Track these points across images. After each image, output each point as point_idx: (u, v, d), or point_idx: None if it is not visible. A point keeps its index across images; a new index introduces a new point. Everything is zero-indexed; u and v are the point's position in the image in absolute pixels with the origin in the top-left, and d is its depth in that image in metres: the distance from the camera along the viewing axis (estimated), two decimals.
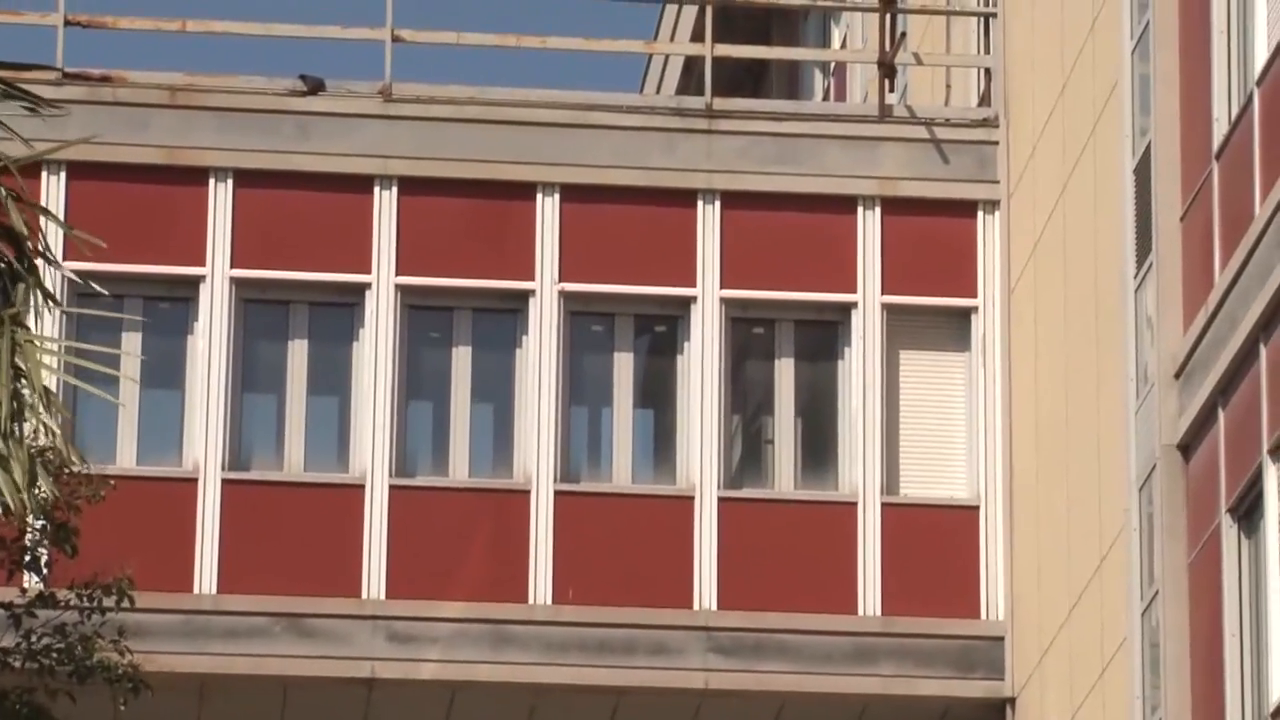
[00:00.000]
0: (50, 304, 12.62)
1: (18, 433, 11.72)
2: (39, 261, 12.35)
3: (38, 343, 12.06)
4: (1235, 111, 21.92)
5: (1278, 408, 20.80)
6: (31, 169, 15.92)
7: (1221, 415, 22.07)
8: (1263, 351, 21.41)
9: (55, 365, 12.83)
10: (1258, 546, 21.79)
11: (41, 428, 12.07)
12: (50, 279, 13.56)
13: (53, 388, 12.08)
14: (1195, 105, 23.94)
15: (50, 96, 14.16)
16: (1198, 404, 22.00)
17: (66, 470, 16.29)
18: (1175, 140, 23.50)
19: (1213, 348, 21.62)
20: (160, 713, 22.02)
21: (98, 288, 20.33)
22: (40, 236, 12.66)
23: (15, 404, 11.78)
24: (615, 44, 31.27)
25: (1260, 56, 21.80)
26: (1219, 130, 22.77)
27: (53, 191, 24.25)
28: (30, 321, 12.18)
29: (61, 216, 21.68)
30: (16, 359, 11.75)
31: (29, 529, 18.43)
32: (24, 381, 11.79)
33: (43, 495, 12.35)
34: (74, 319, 22.74)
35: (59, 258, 13.74)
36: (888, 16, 28.91)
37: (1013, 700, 26.33)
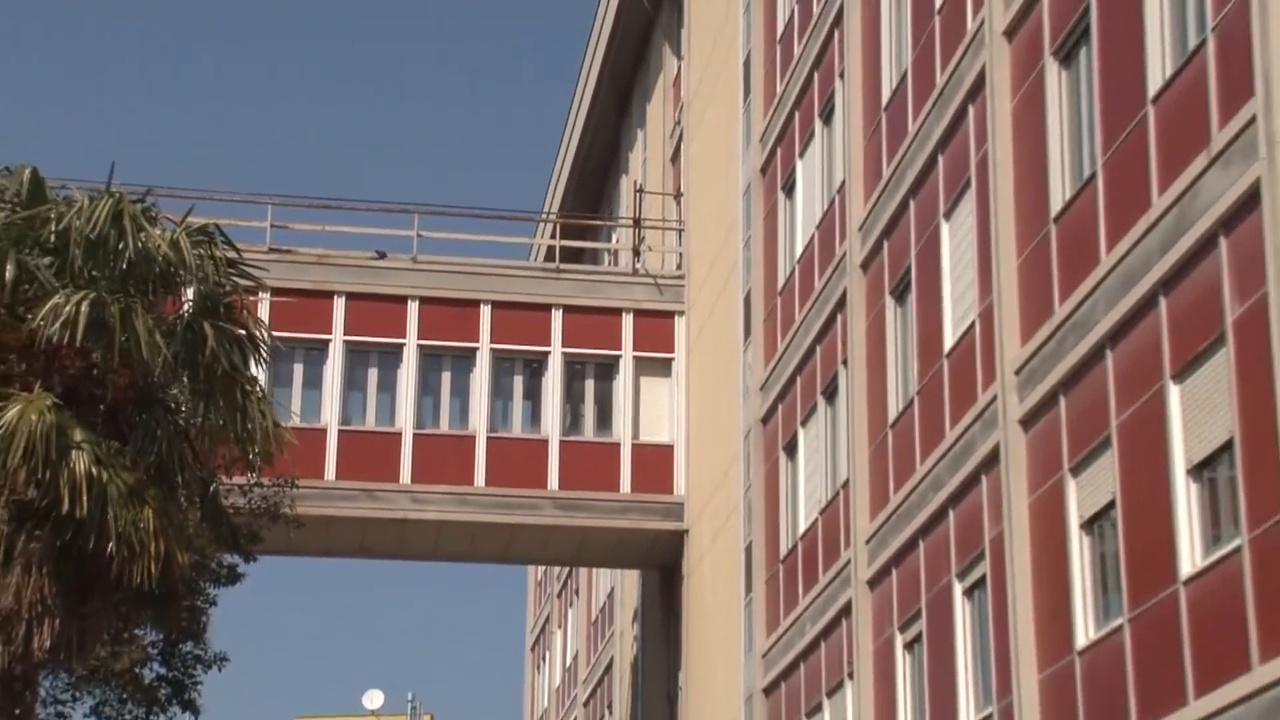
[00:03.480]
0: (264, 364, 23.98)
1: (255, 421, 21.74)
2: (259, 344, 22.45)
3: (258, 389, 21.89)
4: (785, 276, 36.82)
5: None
6: (250, 292, 24.71)
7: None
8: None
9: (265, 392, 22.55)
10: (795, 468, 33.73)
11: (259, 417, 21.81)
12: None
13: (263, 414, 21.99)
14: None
15: (259, 260, 28.48)
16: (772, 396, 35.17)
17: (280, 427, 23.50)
18: (762, 292, 35.62)
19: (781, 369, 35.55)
20: (307, 538, 32.98)
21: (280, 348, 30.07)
22: (262, 329, 24.26)
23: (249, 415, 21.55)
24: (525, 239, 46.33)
25: (801, 240, 34.74)
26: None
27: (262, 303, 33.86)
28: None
29: (266, 318, 32.89)
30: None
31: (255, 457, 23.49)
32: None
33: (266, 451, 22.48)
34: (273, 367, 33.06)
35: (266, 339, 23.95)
36: (637, 230, 43.73)
37: (686, 531, 39.71)
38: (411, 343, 39.73)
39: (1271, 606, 16.80)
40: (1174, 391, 19.17)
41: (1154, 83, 20.04)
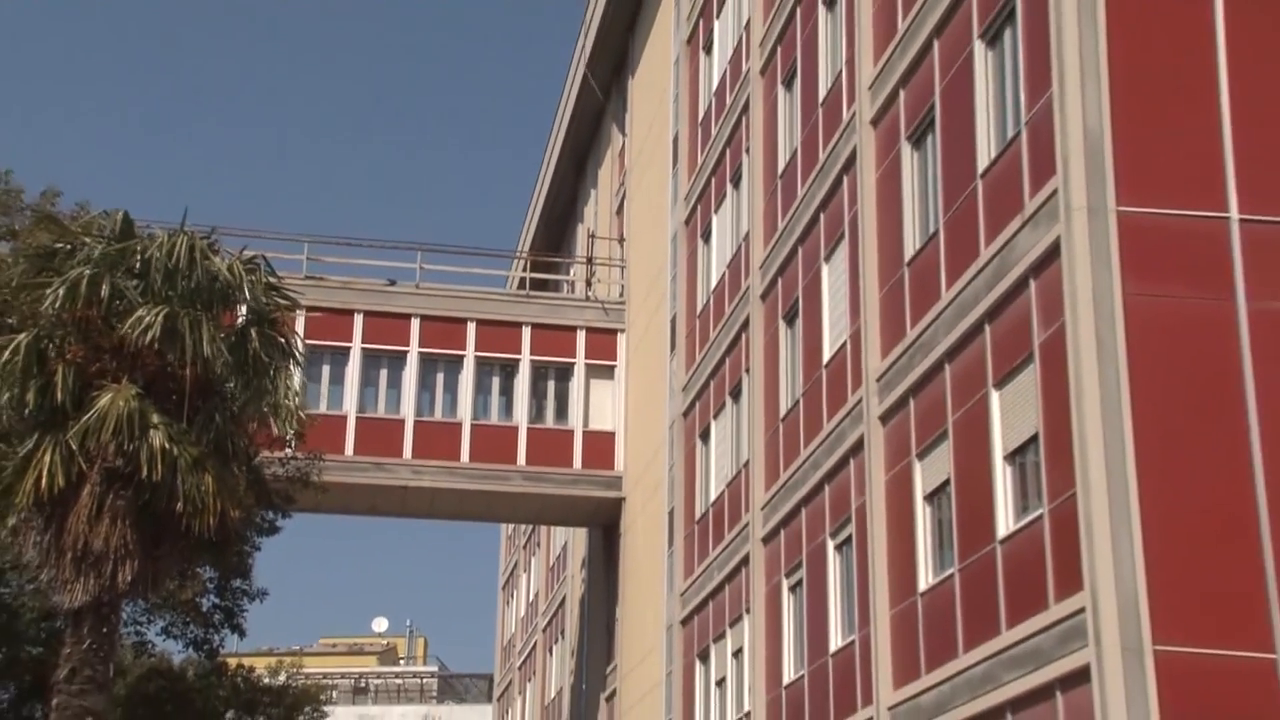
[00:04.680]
0: (299, 365, 24.44)
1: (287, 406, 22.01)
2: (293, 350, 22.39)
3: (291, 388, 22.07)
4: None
5: None
6: (288, 309, 23.51)
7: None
8: None
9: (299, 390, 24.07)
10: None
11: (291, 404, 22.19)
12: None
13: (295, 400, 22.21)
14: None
15: (296, 285, 29.42)
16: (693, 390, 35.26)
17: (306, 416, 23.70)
18: (684, 316, 35.40)
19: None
20: (330, 500, 32.71)
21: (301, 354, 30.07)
22: (296, 338, 24.30)
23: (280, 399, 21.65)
24: (503, 271, 46.25)
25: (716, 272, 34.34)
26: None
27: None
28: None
29: (301, 330, 31.88)
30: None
31: (288, 436, 24.33)
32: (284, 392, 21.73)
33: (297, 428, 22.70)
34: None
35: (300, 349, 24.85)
36: (589, 266, 43.73)
37: (623, 499, 39.61)
38: (413, 350, 39.55)
39: (1064, 560, 16.81)
40: (995, 396, 19.11)
41: (982, 162, 20.02)
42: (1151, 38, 17.82)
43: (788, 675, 26.41)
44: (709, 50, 35.80)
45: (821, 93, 27.26)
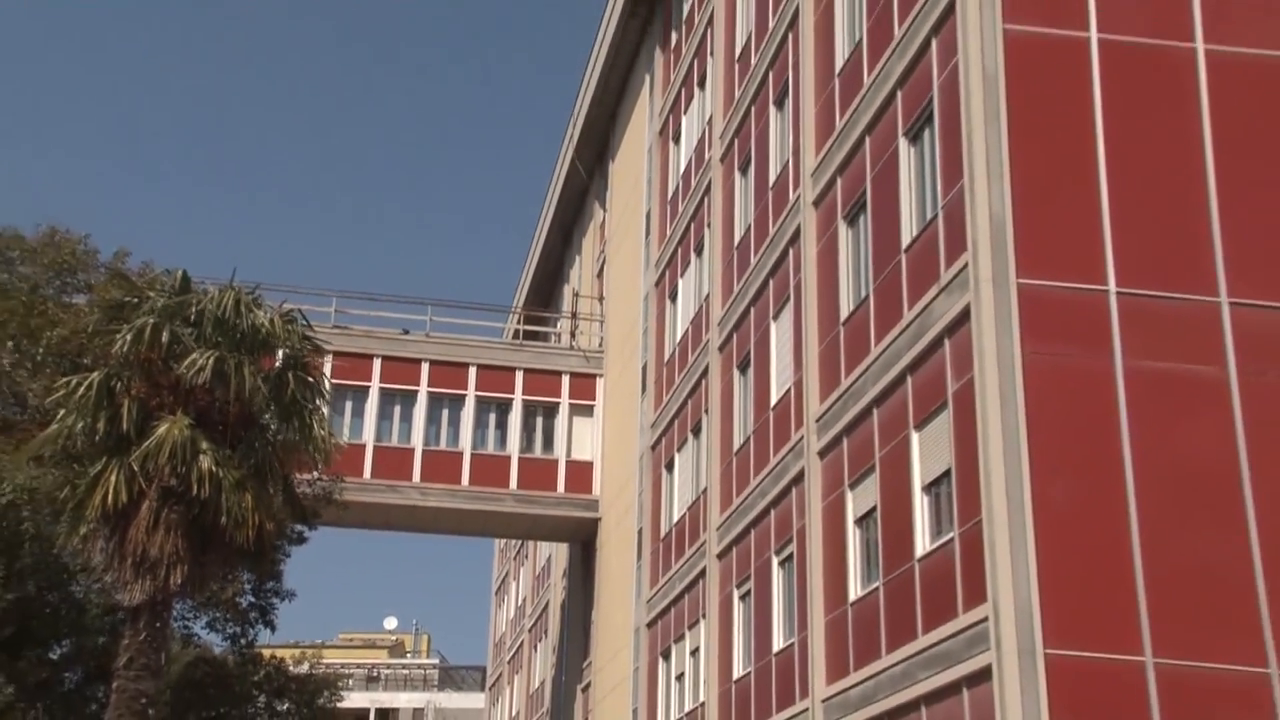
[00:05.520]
0: (326, 401, 23.25)
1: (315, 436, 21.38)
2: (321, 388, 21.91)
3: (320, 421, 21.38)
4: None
5: None
6: (318, 354, 23.58)
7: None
8: None
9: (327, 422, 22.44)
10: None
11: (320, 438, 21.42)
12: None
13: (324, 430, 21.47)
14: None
15: (325, 334, 31.21)
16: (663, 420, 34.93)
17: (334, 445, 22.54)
18: (654, 364, 36.03)
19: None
20: (350, 516, 33.20)
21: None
22: (324, 379, 23.72)
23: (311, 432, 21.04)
24: (499, 324, 45.48)
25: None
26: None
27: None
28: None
29: (329, 372, 33.30)
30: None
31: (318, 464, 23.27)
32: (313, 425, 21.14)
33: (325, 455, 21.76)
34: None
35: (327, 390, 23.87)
36: (573, 320, 43.35)
37: (599, 519, 39.29)
38: (423, 390, 39.18)
39: (971, 575, 16.78)
40: (915, 437, 19.04)
41: (905, 239, 19.97)
42: (1045, 139, 17.88)
43: (737, 671, 26.22)
44: (677, 140, 35.74)
45: (771, 178, 27.24)
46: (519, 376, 39.77)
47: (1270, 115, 18.29)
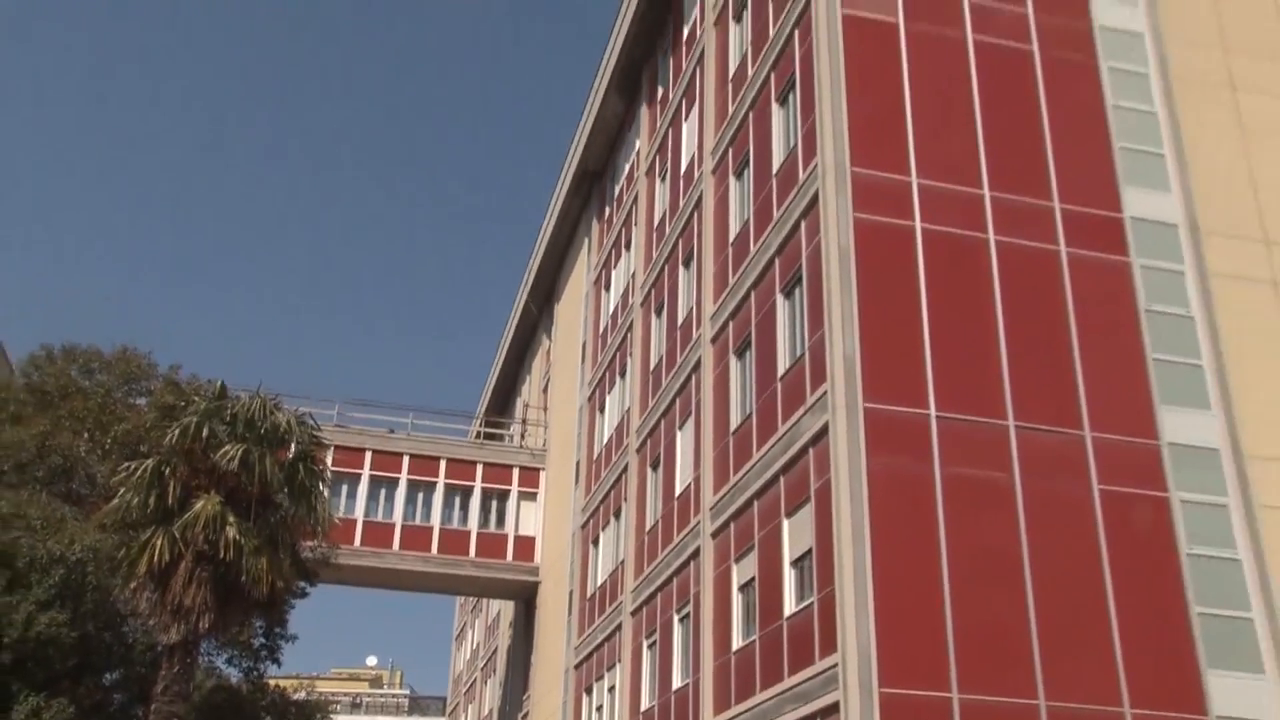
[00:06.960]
0: (327, 485, 24.57)
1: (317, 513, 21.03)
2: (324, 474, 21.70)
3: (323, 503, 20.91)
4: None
5: None
6: (322, 448, 23.36)
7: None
8: None
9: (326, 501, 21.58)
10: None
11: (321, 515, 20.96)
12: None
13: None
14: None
15: (330, 432, 31.48)
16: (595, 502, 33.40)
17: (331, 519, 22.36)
18: (586, 461, 34.56)
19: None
20: (343, 575, 33.90)
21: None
22: (326, 467, 26.46)
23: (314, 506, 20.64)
24: (465, 426, 43.25)
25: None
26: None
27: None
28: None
29: (330, 462, 33.32)
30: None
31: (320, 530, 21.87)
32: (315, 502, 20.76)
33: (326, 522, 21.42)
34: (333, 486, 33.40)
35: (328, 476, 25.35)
36: (523, 425, 42.29)
37: (539, 582, 37.77)
38: (404, 477, 37.80)
39: (826, 631, 16.66)
40: (786, 523, 18.87)
41: (780, 369, 19.93)
42: (885, 299, 18.11)
43: (645, 704, 25.70)
44: (608, 288, 35.25)
45: (680, 320, 27.04)
46: (479, 469, 38.56)
47: (1041, 289, 18.70)
